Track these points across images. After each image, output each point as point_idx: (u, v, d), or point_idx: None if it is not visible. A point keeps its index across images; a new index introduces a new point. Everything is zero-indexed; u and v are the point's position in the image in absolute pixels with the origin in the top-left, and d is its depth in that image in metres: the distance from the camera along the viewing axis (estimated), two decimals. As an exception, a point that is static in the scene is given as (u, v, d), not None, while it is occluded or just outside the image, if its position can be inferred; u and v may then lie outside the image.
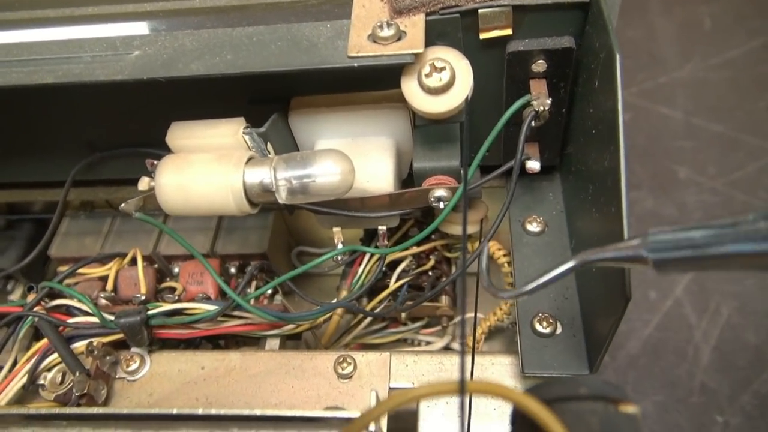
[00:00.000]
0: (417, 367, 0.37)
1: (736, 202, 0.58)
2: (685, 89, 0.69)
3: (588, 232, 0.35)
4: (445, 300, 0.45)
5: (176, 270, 0.47)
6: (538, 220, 0.39)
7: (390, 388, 0.37)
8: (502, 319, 0.42)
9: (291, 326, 0.40)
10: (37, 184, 0.49)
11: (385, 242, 0.39)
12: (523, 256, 0.38)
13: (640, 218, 0.58)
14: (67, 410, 0.28)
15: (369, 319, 0.45)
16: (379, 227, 0.38)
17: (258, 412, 0.27)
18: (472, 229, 0.40)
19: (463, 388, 0.20)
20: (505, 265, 0.41)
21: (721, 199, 0.59)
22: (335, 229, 0.39)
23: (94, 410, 0.30)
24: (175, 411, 0.28)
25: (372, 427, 0.26)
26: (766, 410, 0.45)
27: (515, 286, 0.39)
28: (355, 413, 0.28)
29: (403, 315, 0.46)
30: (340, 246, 0.39)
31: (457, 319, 0.47)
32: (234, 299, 0.36)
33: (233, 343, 0.46)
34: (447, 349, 0.48)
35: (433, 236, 0.44)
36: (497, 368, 0.37)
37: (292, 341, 0.44)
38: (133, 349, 0.39)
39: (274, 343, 0.41)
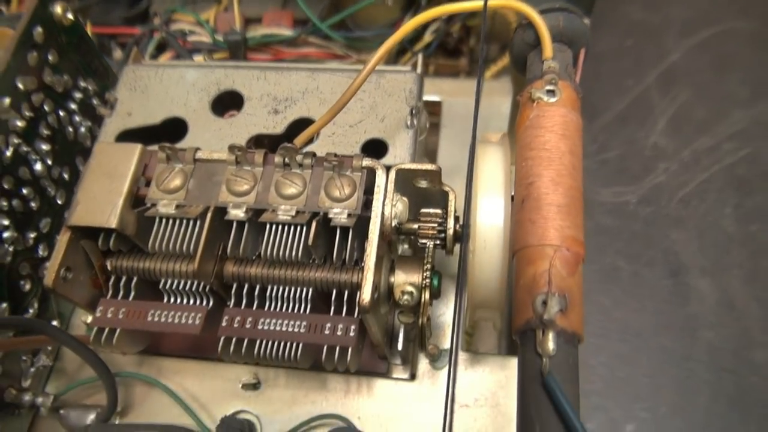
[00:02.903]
0: (443, 85, 0.51)
1: (711, 17, 0.70)
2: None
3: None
4: (462, 60, 0.59)
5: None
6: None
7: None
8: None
9: (352, 59, 0.53)
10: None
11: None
12: None
13: (631, 24, 0.70)
14: (220, 63, 0.42)
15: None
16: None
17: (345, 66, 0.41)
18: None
19: (486, 6, 0.34)
20: None
21: (699, 14, 0.70)
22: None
23: (232, 63, 0.44)
24: (285, 64, 0.42)
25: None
26: (699, 161, 0.60)
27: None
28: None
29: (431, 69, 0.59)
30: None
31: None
32: (314, 21, 0.49)
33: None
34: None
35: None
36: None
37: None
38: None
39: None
